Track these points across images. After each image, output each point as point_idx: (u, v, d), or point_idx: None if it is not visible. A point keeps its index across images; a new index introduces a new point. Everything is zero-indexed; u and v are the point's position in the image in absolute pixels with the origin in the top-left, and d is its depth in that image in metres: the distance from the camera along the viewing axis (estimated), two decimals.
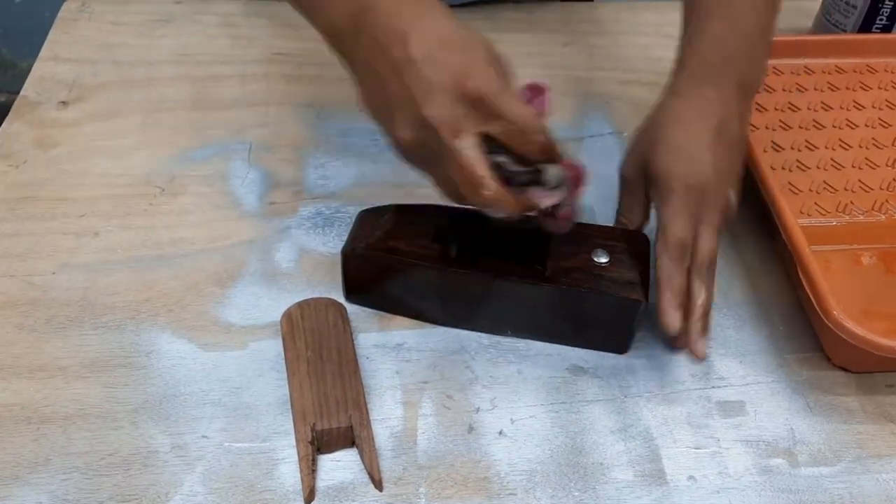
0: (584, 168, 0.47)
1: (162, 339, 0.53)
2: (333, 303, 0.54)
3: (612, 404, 0.51)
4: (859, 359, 0.52)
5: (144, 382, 0.50)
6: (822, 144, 0.65)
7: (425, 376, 0.52)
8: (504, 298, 0.52)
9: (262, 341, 0.53)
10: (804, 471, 0.49)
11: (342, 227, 0.61)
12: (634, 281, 0.50)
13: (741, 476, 0.48)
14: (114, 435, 0.48)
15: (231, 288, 0.56)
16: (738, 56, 0.53)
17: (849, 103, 0.68)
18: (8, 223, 0.59)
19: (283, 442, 0.48)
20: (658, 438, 0.50)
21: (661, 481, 0.48)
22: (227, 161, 0.65)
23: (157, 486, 0.46)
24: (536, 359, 0.53)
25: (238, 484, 0.46)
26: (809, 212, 0.60)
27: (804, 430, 0.51)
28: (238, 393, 0.50)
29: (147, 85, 0.72)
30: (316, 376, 0.49)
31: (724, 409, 0.51)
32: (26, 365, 0.51)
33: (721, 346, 0.55)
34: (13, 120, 0.68)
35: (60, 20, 0.79)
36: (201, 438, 0.48)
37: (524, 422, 0.50)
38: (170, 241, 0.59)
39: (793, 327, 0.56)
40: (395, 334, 0.54)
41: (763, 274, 0.59)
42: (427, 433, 0.49)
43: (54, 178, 0.63)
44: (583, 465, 0.48)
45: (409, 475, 0.47)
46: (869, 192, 0.62)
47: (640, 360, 0.54)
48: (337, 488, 0.46)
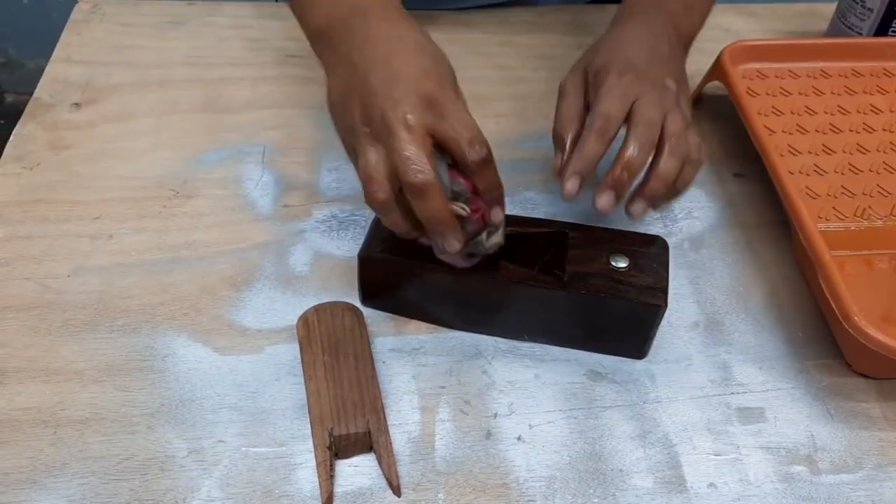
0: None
1: (177, 342, 0.52)
2: (350, 307, 0.53)
3: (630, 410, 0.51)
4: (880, 365, 0.51)
5: (160, 386, 0.50)
6: (839, 149, 0.65)
7: (442, 381, 0.52)
8: (522, 303, 0.52)
9: (278, 345, 0.53)
10: (825, 478, 0.48)
11: (357, 230, 0.60)
12: (653, 285, 0.50)
13: (762, 483, 0.48)
14: (130, 439, 0.48)
15: (246, 291, 0.56)
16: (671, 1, 0.59)
17: (866, 107, 0.68)
18: (22, 225, 0.59)
19: (300, 447, 0.48)
20: (678, 445, 0.49)
21: (681, 488, 0.47)
22: (240, 164, 0.65)
23: (175, 490, 0.45)
24: (554, 364, 0.53)
25: (255, 489, 0.46)
26: (828, 216, 0.60)
27: (825, 436, 0.50)
28: (254, 397, 0.50)
29: (160, 87, 0.72)
30: (333, 381, 0.49)
31: (743, 416, 0.51)
32: (42, 368, 0.51)
33: (740, 351, 0.54)
34: (26, 122, 0.68)
35: (73, 22, 0.78)
36: (218, 443, 0.48)
37: (542, 427, 0.50)
38: (184, 243, 0.59)
39: (812, 333, 0.55)
40: (412, 338, 0.54)
41: (781, 279, 0.59)
42: (445, 438, 0.49)
43: (68, 181, 0.63)
44: (602, 472, 0.48)
45: (428, 481, 0.47)
46: (888, 197, 0.61)
47: (658, 366, 0.53)
48: (355, 494, 0.46)
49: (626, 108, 0.51)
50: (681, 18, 0.59)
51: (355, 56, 0.48)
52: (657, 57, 0.55)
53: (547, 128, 0.69)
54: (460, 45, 0.78)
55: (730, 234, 0.62)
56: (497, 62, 0.76)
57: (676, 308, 0.56)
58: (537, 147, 0.67)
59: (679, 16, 0.59)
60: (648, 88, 0.52)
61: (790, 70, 0.71)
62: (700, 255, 0.60)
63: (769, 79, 0.70)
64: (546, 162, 0.65)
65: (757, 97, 0.68)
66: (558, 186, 0.55)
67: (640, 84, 0.52)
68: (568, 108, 0.55)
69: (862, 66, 0.71)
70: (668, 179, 0.51)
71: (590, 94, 0.54)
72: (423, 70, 0.47)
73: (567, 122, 0.54)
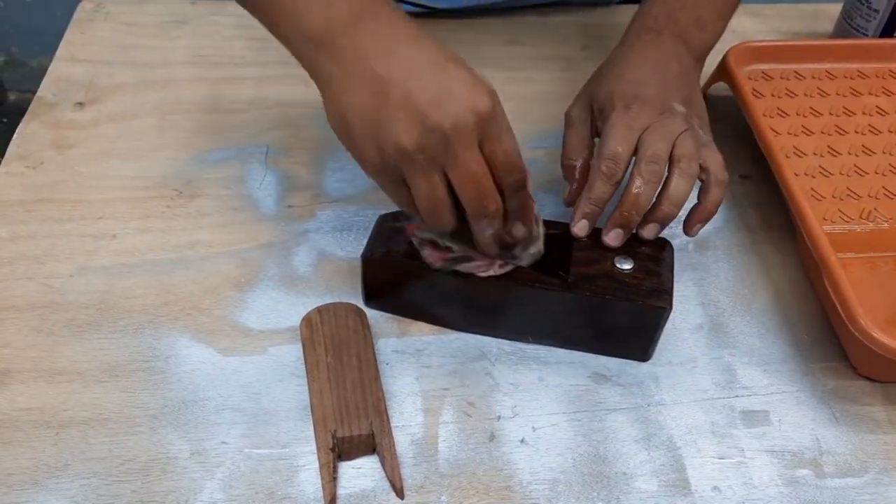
0: None
1: (180, 343, 0.52)
2: (353, 308, 0.53)
3: (634, 413, 0.51)
4: (885, 368, 0.51)
5: (163, 387, 0.50)
6: (845, 150, 0.64)
7: (446, 383, 0.51)
8: (526, 305, 0.52)
9: (281, 346, 0.53)
10: (830, 482, 0.48)
11: (360, 231, 0.60)
12: (658, 287, 0.50)
13: (766, 487, 0.48)
14: (133, 440, 0.47)
15: (249, 292, 0.56)
16: (682, 15, 0.58)
17: (872, 109, 0.68)
18: (25, 225, 0.59)
19: (303, 448, 0.48)
20: (682, 448, 0.49)
21: (685, 492, 0.47)
22: (244, 164, 0.65)
23: (177, 492, 0.45)
24: (558, 366, 0.53)
25: (258, 491, 0.46)
26: (833, 218, 0.60)
27: (830, 440, 0.50)
28: (258, 398, 0.50)
29: (163, 87, 0.72)
30: (336, 382, 0.49)
31: (748, 419, 0.51)
32: (45, 368, 0.50)
33: (745, 354, 0.54)
34: (30, 121, 0.67)
35: (76, 21, 0.78)
36: (221, 444, 0.48)
37: (546, 430, 0.50)
38: (188, 243, 0.58)
39: (817, 336, 0.55)
40: (416, 340, 0.54)
41: (786, 282, 0.59)
42: (448, 441, 0.49)
43: (71, 180, 0.63)
44: (606, 475, 0.48)
45: (431, 483, 0.47)
46: (893, 199, 0.61)
47: (662, 368, 0.53)
48: (358, 496, 0.46)
49: (634, 141, 0.51)
50: (692, 35, 0.58)
51: (380, 68, 0.42)
52: (665, 78, 0.54)
53: (552, 128, 0.69)
54: (465, 45, 0.77)
55: (735, 236, 0.62)
56: (502, 63, 0.76)
57: (681, 310, 0.56)
58: (542, 148, 0.67)
59: (690, 32, 0.58)
60: (655, 116, 0.51)
61: (795, 71, 0.70)
62: (705, 258, 0.60)
63: (774, 80, 0.70)
64: (551, 162, 0.65)
65: (762, 98, 0.68)
66: (562, 188, 0.55)
67: (647, 113, 0.51)
68: (575, 137, 0.55)
69: (867, 68, 0.71)
70: (678, 202, 0.51)
71: (597, 123, 0.54)
72: (470, 84, 0.42)
73: (575, 153, 0.54)
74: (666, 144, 0.51)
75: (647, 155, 0.50)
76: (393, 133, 0.42)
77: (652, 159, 0.50)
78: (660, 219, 0.51)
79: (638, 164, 0.50)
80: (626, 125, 0.51)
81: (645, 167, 0.50)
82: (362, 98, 0.43)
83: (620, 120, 0.51)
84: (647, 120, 0.51)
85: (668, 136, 0.51)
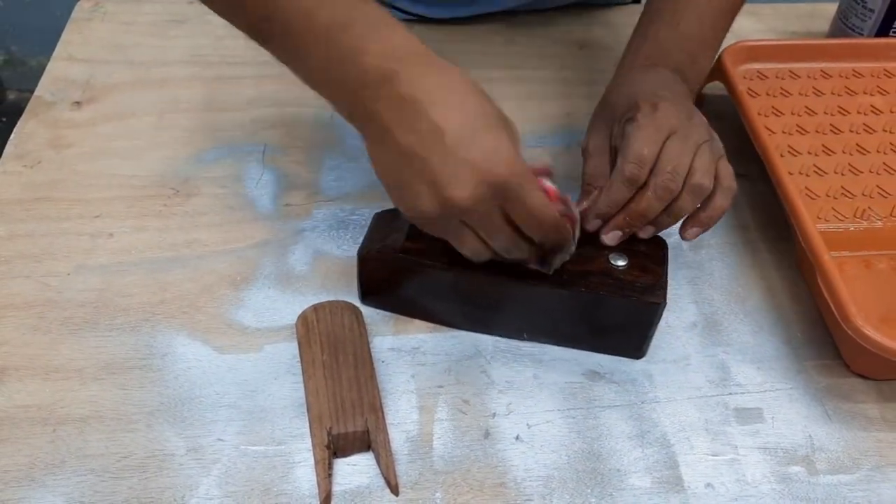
0: None
1: (177, 341, 0.53)
2: (349, 305, 0.53)
3: (628, 410, 0.51)
4: (878, 366, 0.51)
5: (160, 385, 0.50)
6: (839, 149, 0.64)
7: (441, 380, 0.52)
8: (521, 302, 0.52)
9: (277, 344, 0.53)
10: (823, 479, 0.48)
11: (357, 229, 0.60)
12: (652, 284, 0.50)
13: (759, 484, 0.48)
14: (129, 437, 0.48)
15: (246, 290, 0.56)
16: (676, 53, 0.58)
17: (866, 108, 0.68)
18: (23, 224, 0.59)
19: (298, 445, 0.48)
20: (675, 445, 0.49)
21: (678, 488, 0.47)
22: (240, 162, 0.65)
23: (173, 489, 0.46)
24: (553, 363, 0.53)
25: (254, 487, 0.46)
26: (827, 217, 0.60)
27: (823, 437, 0.50)
28: (253, 396, 0.50)
29: (161, 86, 0.72)
30: (332, 379, 0.49)
31: (741, 416, 0.51)
32: (42, 366, 0.51)
33: (738, 352, 0.54)
34: (27, 119, 0.68)
35: (74, 20, 0.79)
36: (217, 441, 0.48)
37: (540, 427, 0.50)
38: (184, 242, 0.59)
39: (811, 334, 0.56)
40: (411, 338, 0.54)
41: (780, 280, 0.59)
42: (443, 438, 0.49)
43: (68, 179, 0.63)
44: (600, 472, 0.48)
45: (426, 480, 0.47)
46: (887, 198, 0.61)
47: (656, 366, 0.53)
48: (353, 492, 0.46)
49: (660, 143, 0.49)
50: (687, 69, 0.57)
51: (436, 116, 0.41)
52: (674, 91, 0.54)
53: (550, 127, 0.70)
54: (464, 45, 0.78)
55: (729, 235, 0.62)
56: (502, 62, 0.76)
57: (675, 308, 0.56)
58: (541, 146, 0.67)
59: (685, 67, 0.57)
60: (683, 120, 0.50)
61: (790, 70, 0.71)
62: (699, 256, 0.60)
63: (769, 79, 0.70)
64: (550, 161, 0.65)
65: (757, 98, 0.68)
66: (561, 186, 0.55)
67: (675, 115, 0.50)
68: (595, 168, 0.54)
69: (862, 67, 0.71)
70: (679, 217, 0.51)
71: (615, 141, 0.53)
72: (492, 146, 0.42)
73: (596, 181, 0.53)
74: (688, 159, 0.49)
75: (668, 170, 0.49)
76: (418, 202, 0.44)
77: (670, 176, 0.49)
78: (658, 224, 0.52)
79: (656, 174, 0.49)
80: (654, 126, 0.50)
81: (661, 183, 0.49)
82: (385, 157, 0.45)
83: (647, 120, 0.50)
84: (675, 122, 0.50)
85: (692, 147, 0.50)
